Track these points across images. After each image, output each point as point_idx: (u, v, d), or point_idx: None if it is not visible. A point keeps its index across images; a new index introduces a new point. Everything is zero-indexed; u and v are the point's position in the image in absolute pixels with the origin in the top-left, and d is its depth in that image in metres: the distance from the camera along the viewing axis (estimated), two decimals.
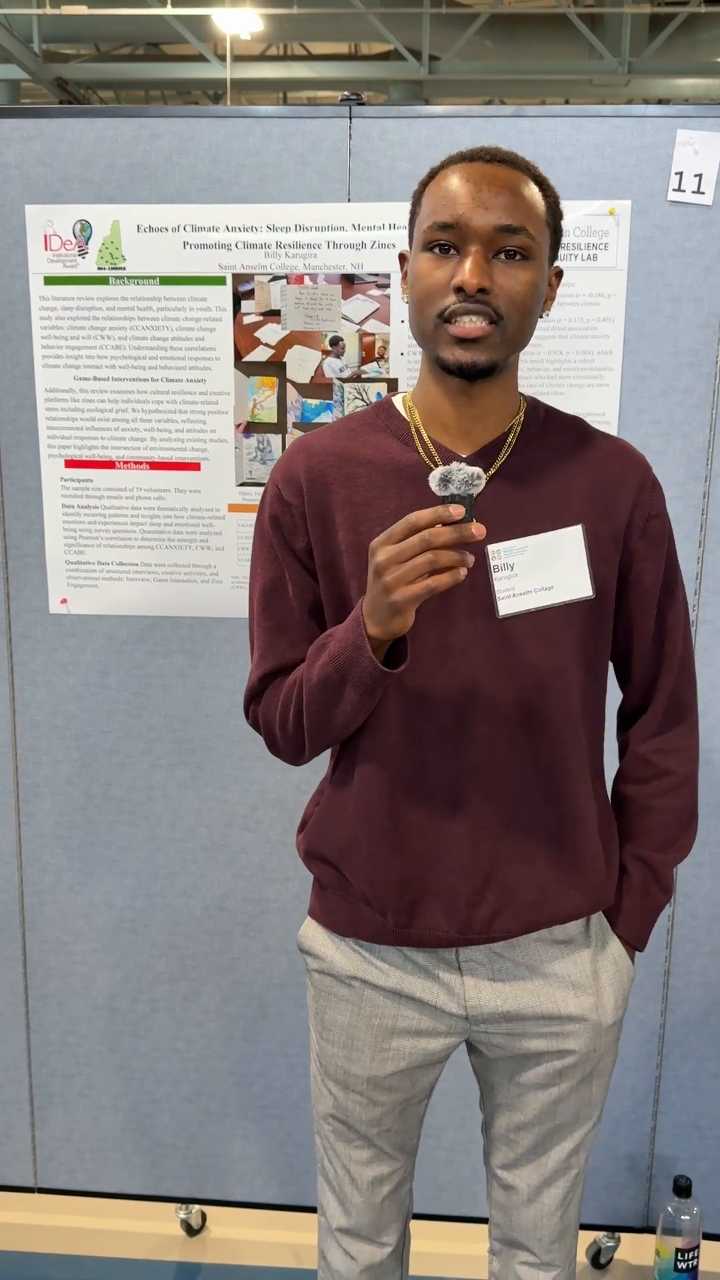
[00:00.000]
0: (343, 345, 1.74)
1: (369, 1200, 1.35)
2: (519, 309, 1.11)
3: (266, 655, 1.25)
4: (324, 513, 1.20)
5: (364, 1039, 1.28)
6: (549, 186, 1.16)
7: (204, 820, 1.93)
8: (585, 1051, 1.27)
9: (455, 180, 1.11)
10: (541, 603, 1.16)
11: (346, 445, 1.22)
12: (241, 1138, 2.03)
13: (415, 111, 1.68)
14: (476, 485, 1.02)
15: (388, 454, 1.20)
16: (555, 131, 1.67)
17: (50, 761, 1.93)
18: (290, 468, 1.22)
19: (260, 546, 1.26)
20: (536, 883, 1.21)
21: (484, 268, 1.09)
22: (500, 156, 1.13)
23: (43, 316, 1.78)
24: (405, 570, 1.02)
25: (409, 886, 1.22)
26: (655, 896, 1.30)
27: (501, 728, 1.18)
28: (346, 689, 1.13)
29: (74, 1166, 2.07)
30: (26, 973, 2.01)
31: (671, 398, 1.73)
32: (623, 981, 1.29)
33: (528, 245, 1.11)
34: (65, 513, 1.84)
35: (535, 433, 1.21)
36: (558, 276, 1.20)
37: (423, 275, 1.12)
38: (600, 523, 1.19)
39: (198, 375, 1.77)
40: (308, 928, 1.34)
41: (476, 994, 1.25)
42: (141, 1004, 2.00)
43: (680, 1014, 1.92)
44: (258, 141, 1.70)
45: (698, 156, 1.65)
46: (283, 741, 1.24)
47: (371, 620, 1.08)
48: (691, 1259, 1.85)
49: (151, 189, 1.73)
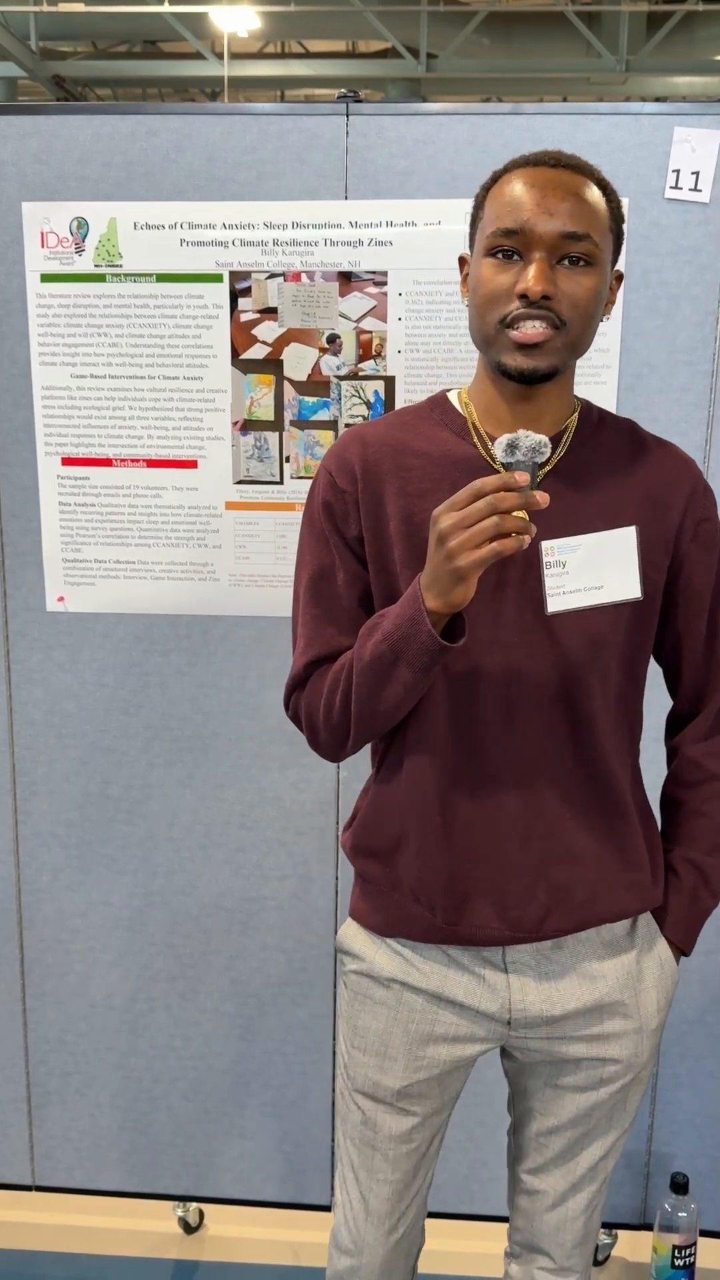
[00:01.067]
0: (340, 343, 1.74)
1: (385, 1243, 1.33)
2: (581, 315, 1.12)
3: (313, 642, 1.23)
4: (377, 501, 1.20)
5: (399, 1046, 1.27)
6: (612, 191, 1.16)
7: (201, 819, 1.93)
8: (628, 1059, 1.26)
9: (519, 186, 1.11)
10: (590, 602, 1.16)
11: (400, 437, 1.22)
12: (239, 1136, 2.03)
13: (412, 109, 1.68)
14: (543, 453, 1.03)
15: (443, 447, 1.20)
16: (552, 129, 1.66)
17: (47, 760, 1.93)
18: (344, 455, 1.22)
19: (309, 534, 1.25)
20: (587, 881, 1.21)
21: (548, 274, 1.09)
22: (565, 161, 1.12)
23: (39, 314, 1.77)
24: (470, 534, 1.01)
25: (458, 882, 1.21)
26: (704, 901, 1.29)
27: (546, 723, 1.19)
28: (400, 667, 1.12)
29: (72, 1165, 2.07)
30: (24, 971, 2.01)
31: (669, 396, 1.73)
32: (666, 985, 1.28)
33: (591, 252, 1.11)
34: (62, 510, 1.84)
35: (589, 434, 1.22)
36: (618, 280, 1.20)
37: (485, 280, 1.12)
38: (651, 526, 1.20)
39: (195, 373, 1.77)
40: (348, 928, 1.33)
41: (522, 995, 1.23)
42: (139, 1002, 2.00)
43: (677, 1012, 1.92)
44: (255, 139, 1.70)
45: (695, 154, 1.65)
46: (325, 732, 1.22)
47: (431, 592, 1.07)
48: (688, 1256, 1.86)
49: (148, 186, 1.73)
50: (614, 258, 1.17)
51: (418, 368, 1.73)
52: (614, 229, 1.15)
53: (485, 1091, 1.95)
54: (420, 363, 1.73)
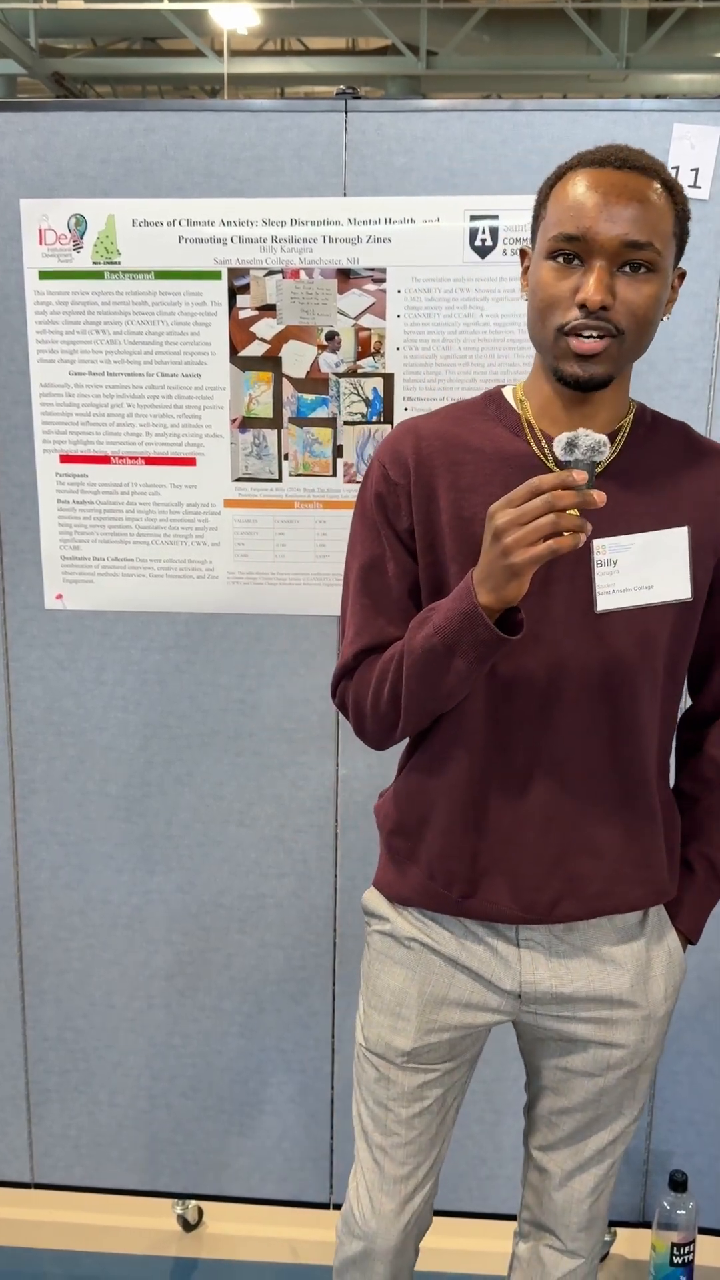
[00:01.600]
0: (338, 340, 1.74)
1: (395, 1222, 1.36)
2: (639, 323, 1.11)
3: (363, 632, 1.25)
4: (429, 494, 1.21)
5: (413, 1005, 1.30)
6: (679, 190, 1.14)
7: (200, 816, 1.93)
8: (634, 1045, 1.29)
9: (582, 188, 1.10)
10: (640, 601, 1.17)
11: (454, 431, 1.22)
12: (238, 1133, 2.03)
13: (411, 105, 1.68)
14: (601, 453, 1.03)
15: (496, 443, 1.21)
16: (552, 125, 1.66)
17: (46, 758, 1.93)
18: (398, 447, 1.23)
19: (361, 525, 1.26)
20: (603, 876, 1.24)
21: (607, 283, 1.09)
22: (631, 161, 1.11)
23: (37, 311, 1.77)
24: (527, 531, 1.02)
25: (479, 861, 1.24)
26: (716, 892, 1.34)
27: (583, 721, 1.20)
28: (455, 660, 1.13)
29: (70, 1162, 2.07)
30: (23, 969, 2.01)
31: (668, 393, 1.73)
32: (674, 973, 1.31)
33: (652, 260, 1.10)
34: (60, 508, 1.83)
35: (643, 434, 1.22)
36: (680, 278, 1.19)
37: (545, 285, 1.12)
38: (702, 528, 1.20)
39: (193, 370, 1.77)
40: (371, 894, 1.36)
41: (533, 970, 1.26)
42: (138, 1000, 2.00)
43: (676, 1010, 1.92)
44: (253, 135, 1.69)
45: (694, 151, 1.65)
46: (373, 721, 1.24)
47: (484, 587, 1.08)
48: (687, 1253, 1.86)
49: (146, 183, 1.72)
50: (679, 256, 1.16)
51: (416, 365, 1.73)
52: (679, 230, 1.14)
53: (485, 1090, 1.95)
54: (419, 360, 1.73)
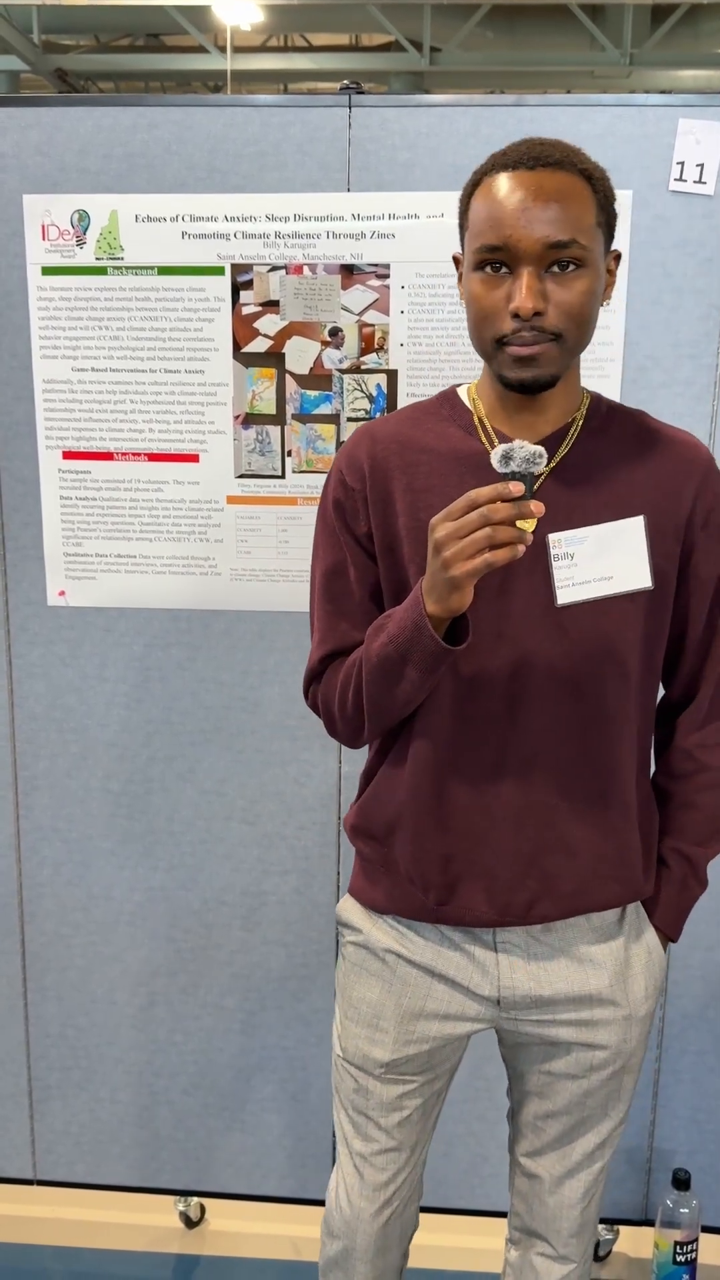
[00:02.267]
0: (342, 336, 1.73)
1: (372, 1223, 1.35)
2: (576, 321, 1.11)
3: (327, 637, 1.27)
4: (385, 498, 1.21)
5: (390, 1018, 1.29)
6: (598, 176, 1.13)
7: (203, 813, 1.92)
8: (616, 1045, 1.28)
9: (499, 194, 1.09)
10: (600, 593, 1.17)
11: (410, 433, 1.23)
12: (240, 1130, 2.03)
13: (415, 100, 1.67)
14: (538, 464, 1.03)
15: (450, 442, 1.21)
16: (556, 121, 1.66)
17: (48, 755, 1.93)
18: (354, 453, 1.24)
19: (323, 530, 1.28)
20: (578, 874, 1.23)
21: (537, 289, 1.08)
22: (545, 158, 1.09)
23: (40, 307, 1.77)
24: (464, 545, 1.03)
25: (452, 864, 1.23)
26: (692, 889, 1.32)
27: (551, 717, 1.20)
28: (407, 668, 1.14)
29: (72, 1159, 2.07)
30: (25, 965, 2.01)
31: (672, 389, 1.72)
32: (654, 971, 1.31)
33: (580, 255, 1.09)
34: (63, 505, 1.83)
35: (598, 425, 1.22)
36: (616, 260, 1.18)
37: (477, 297, 1.12)
38: (662, 515, 1.20)
39: (196, 366, 1.76)
40: (345, 903, 1.36)
41: (511, 975, 1.26)
42: (140, 997, 2.00)
43: (679, 1008, 1.92)
44: (256, 131, 1.69)
45: (699, 146, 1.64)
46: (341, 723, 1.26)
47: (430, 598, 1.09)
48: (690, 1252, 1.85)
49: (150, 179, 1.72)
50: (608, 242, 1.15)
51: (420, 361, 1.72)
52: (604, 218, 1.13)
53: (486, 1086, 1.95)
54: (422, 356, 1.72)
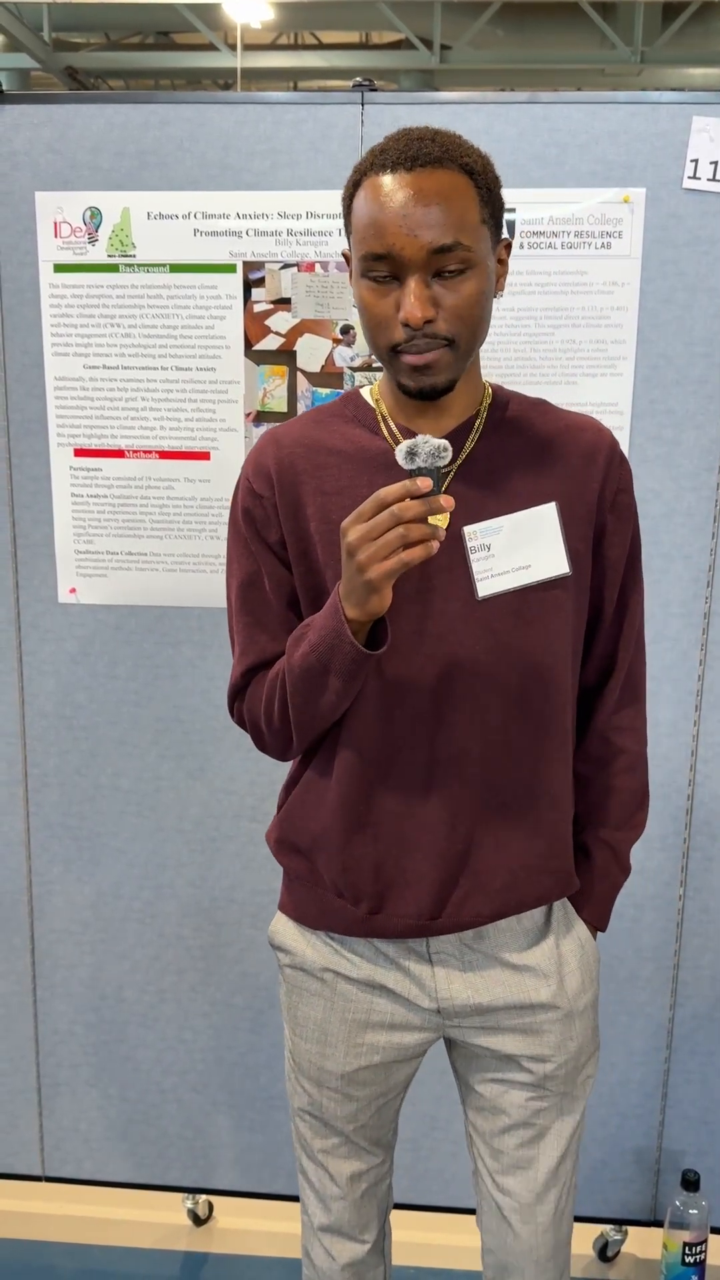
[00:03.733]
0: (353, 333, 1.73)
1: (349, 1197, 1.34)
2: (468, 323, 1.09)
3: (247, 651, 1.24)
4: (295, 503, 1.19)
5: (337, 1034, 1.27)
6: (479, 169, 1.08)
7: (212, 811, 1.92)
8: (560, 1044, 1.25)
9: (378, 201, 1.06)
10: (520, 582, 1.16)
11: (315, 435, 1.21)
12: (248, 1128, 2.03)
13: (428, 98, 1.67)
14: (443, 457, 1.01)
15: (356, 442, 1.20)
16: (569, 118, 1.65)
17: (58, 752, 1.93)
18: (260, 460, 1.22)
19: (235, 541, 1.25)
20: (508, 868, 1.21)
21: (424, 296, 1.06)
22: (423, 156, 1.05)
23: (52, 304, 1.77)
24: (377, 547, 1.01)
25: (382, 872, 1.21)
26: (616, 877, 1.31)
27: (479, 713, 1.18)
28: (330, 676, 1.12)
29: (81, 1156, 2.07)
30: (34, 962, 2.01)
31: (685, 388, 1.71)
32: (588, 964, 1.29)
33: (465, 258, 1.07)
34: (74, 502, 1.83)
35: (501, 417, 1.21)
36: (506, 249, 1.15)
37: (367, 305, 1.10)
38: (572, 500, 1.19)
39: (207, 364, 1.76)
40: (278, 922, 1.33)
41: (448, 985, 1.24)
42: (149, 994, 2.00)
43: (689, 1008, 1.91)
44: (269, 128, 1.69)
45: (714, 144, 1.63)
46: (269, 736, 1.23)
47: (349, 603, 1.07)
48: (699, 1253, 1.85)
49: (162, 176, 1.72)
50: (496, 235, 1.12)
51: None
52: (489, 213, 1.10)
53: None
54: None
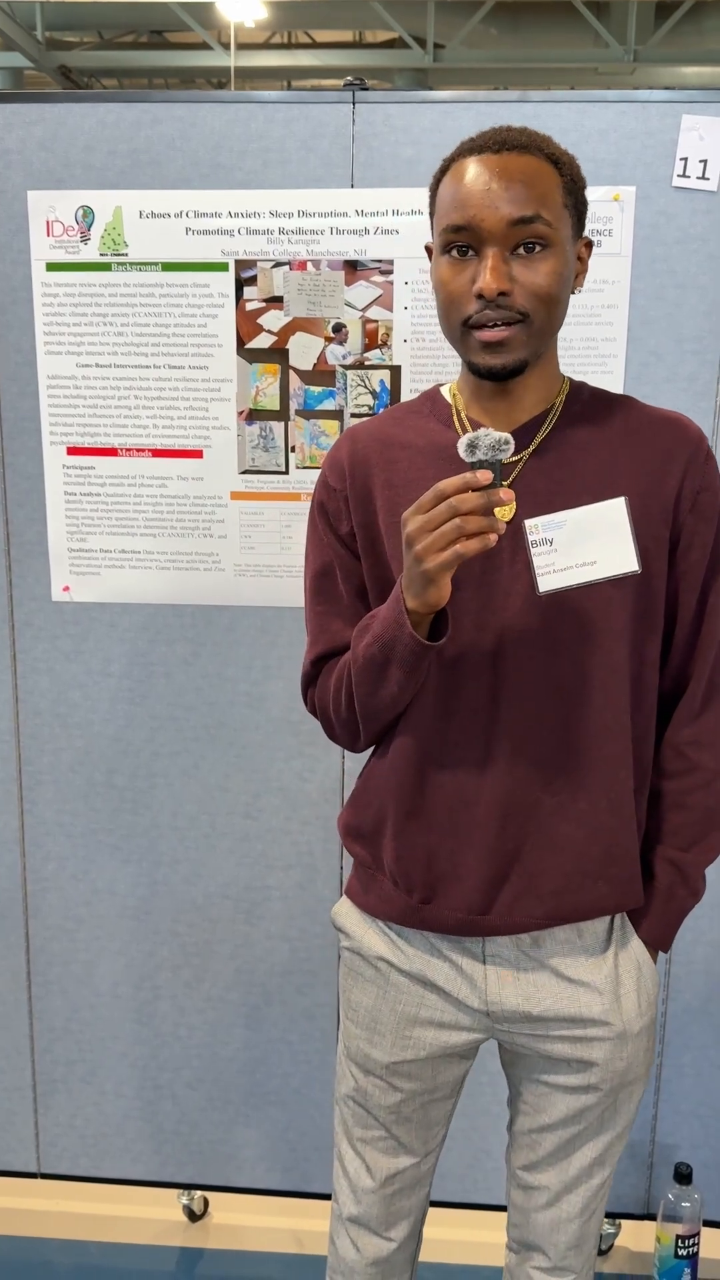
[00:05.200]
0: (345, 332, 1.73)
1: (381, 1192, 1.33)
2: (544, 302, 1.10)
3: (318, 639, 1.27)
4: (366, 496, 1.21)
5: (387, 1023, 1.28)
6: (565, 161, 1.12)
7: (207, 808, 1.93)
8: (608, 1061, 1.23)
9: (465, 176, 1.09)
10: (584, 579, 1.13)
11: (390, 430, 1.23)
12: (244, 1124, 2.04)
13: (419, 97, 1.67)
14: (504, 450, 1.01)
15: (428, 436, 1.20)
16: (560, 116, 1.66)
17: (53, 749, 1.93)
18: (336, 454, 1.25)
19: (311, 533, 1.28)
20: (563, 871, 1.19)
21: (502, 269, 1.07)
22: (510, 142, 1.10)
23: (45, 303, 1.77)
24: (434, 538, 1.02)
25: (435, 863, 1.21)
26: (682, 900, 1.26)
27: (536, 710, 1.17)
28: (391, 667, 1.13)
29: (77, 1152, 2.08)
30: (29, 959, 2.02)
31: (676, 385, 1.72)
32: (646, 986, 1.25)
33: (545, 234, 1.08)
34: (68, 500, 1.84)
35: (578, 411, 1.20)
36: (587, 247, 1.17)
37: (444, 281, 1.11)
38: (648, 496, 1.16)
39: (200, 362, 1.77)
40: (342, 904, 1.34)
41: (499, 989, 1.23)
42: (144, 991, 2.00)
43: (681, 1003, 1.92)
44: (260, 127, 1.69)
45: (703, 142, 1.64)
46: (338, 726, 1.25)
47: (409, 593, 1.08)
48: (692, 1246, 1.86)
49: (154, 175, 1.72)
50: (578, 228, 1.14)
51: (423, 357, 1.73)
52: (571, 201, 1.12)
53: (489, 1081, 1.95)
54: (426, 352, 1.72)
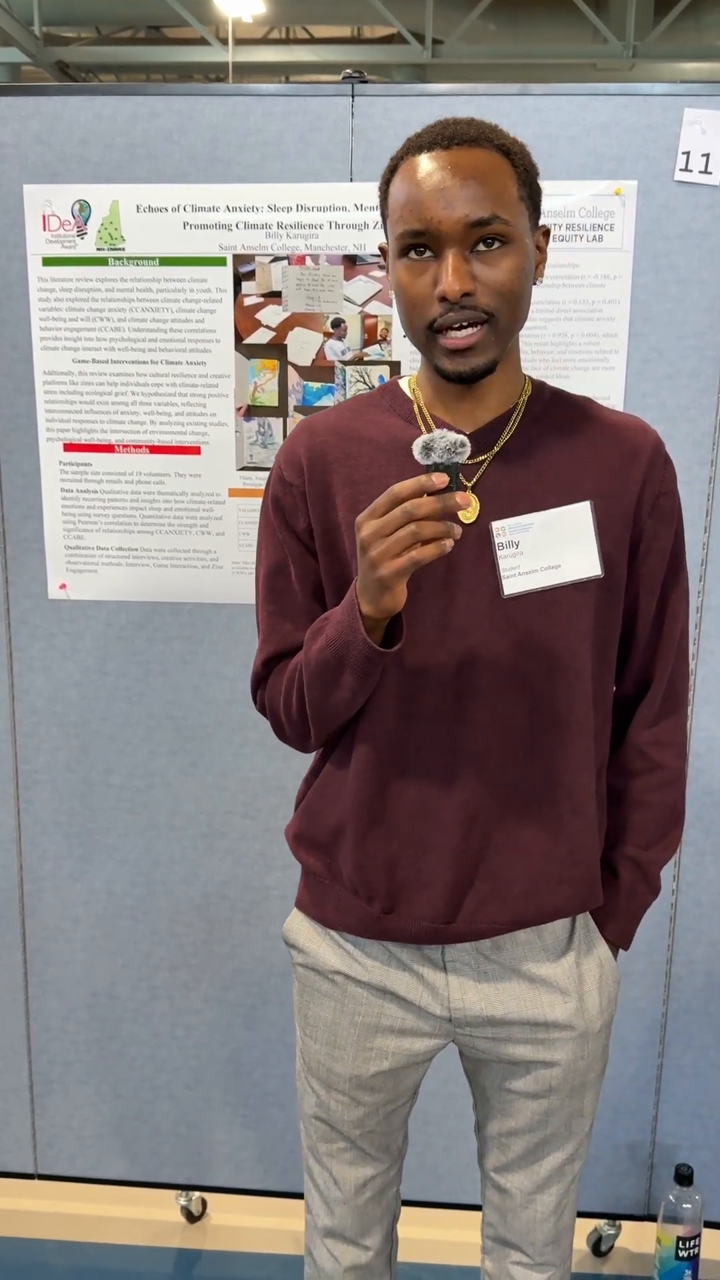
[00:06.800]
0: (344, 327, 1.72)
1: (352, 1202, 1.33)
2: (507, 299, 1.08)
3: (270, 639, 1.23)
4: (324, 492, 1.18)
5: (347, 1037, 1.26)
6: (516, 150, 1.09)
7: (204, 808, 1.92)
8: (571, 1062, 1.23)
9: (416, 175, 1.06)
10: (549, 582, 1.12)
11: (349, 424, 1.20)
12: (241, 1125, 2.03)
13: (418, 90, 1.66)
14: (460, 453, 0.98)
15: (389, 432, 1.18)
16: (561, 110, 1.64)
17: (49, 748, 1.92)
18: (292, 448, 1.20)
19: (264, 529, 1.24)
20: (528, 874, 1.18)
21: (463, 269, 1.05)
22: (459, 136, 1.06)
23: (41, 298, 1.76)
24: (389, 544, 0.99)
25: (397, 871, 1.19)
26: (643, 897, 1.26)
27: (500, 712, 1.15)
28: (345, 673, 1.11)
29: (74, 1153, 2.07)
30: (26, 960, 2.00)
31: (677, 381, 1.71)
32: (608, 985, 1.25)
33: (503, 231, 1.06)
34: (64, 497, 1.82)
35: (540, 411, 1.18)
36: (545, 236, 1.14)
37: (405, 286, 1.09)
38: (610, 500, 1.15)
39: (198, 358, 1.75)
40: (293, 920, 1.31)
41: (461, 995, 1.22)
42: (141, 991, 1.99)
43: (681, 1003, 1.91)
44: (258, 120, 1.68)
45: (705, 136, 1.63)
46: (289, 728, 1.22)
47: (363, 599, 1.05)
48: (692, 1247, 1.85)
49: (151, 169, 1.71)
50: (535, 217, 1.12)
51: None
52: (526, 192, 1.09)
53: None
54: None
